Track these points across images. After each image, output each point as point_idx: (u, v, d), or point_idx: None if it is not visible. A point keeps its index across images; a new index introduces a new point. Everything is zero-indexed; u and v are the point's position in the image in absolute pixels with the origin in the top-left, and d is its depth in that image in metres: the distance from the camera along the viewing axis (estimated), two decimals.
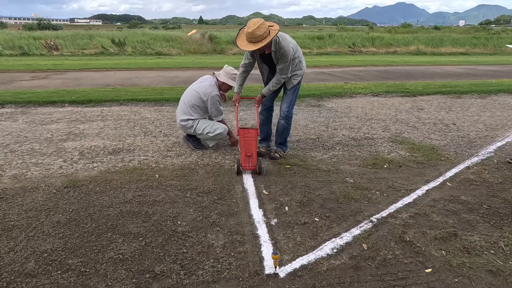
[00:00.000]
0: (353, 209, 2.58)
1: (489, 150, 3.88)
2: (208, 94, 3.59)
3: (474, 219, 2.45)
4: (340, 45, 23.02)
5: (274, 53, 3.21)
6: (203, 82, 3.72)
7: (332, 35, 26.34)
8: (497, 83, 8.44)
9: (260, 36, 2.96)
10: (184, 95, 3.79)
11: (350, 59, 15.43)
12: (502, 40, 27.57)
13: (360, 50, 21.76)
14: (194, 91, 3.67)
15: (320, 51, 21.14)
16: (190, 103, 3.65)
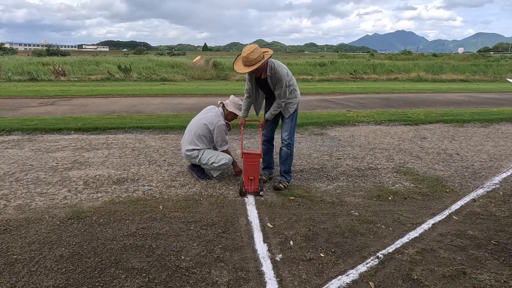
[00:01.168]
0: (359, 244, 2.55)
1: (494, 181, 3.86)
2: (215, 123, 3.64)
3: (483, 255, 2.41)
4: (341, 71, 23.43)
5: (270, 78, 3.35)
6: (209, 113, 3.78)
7: (334, 61, 26.94)
8: (498, 111, 8.50)
9: (254, 60, 3.15)
10: (190, 125, 3.84)
11: (352, 86, 15.66)
12: (501, 67, 28.01)
13: (362, 77, 22.10)
14: (200, 121, 3.73)
15: (322, 78, 21.50)
16: (197, 134, 3.70)
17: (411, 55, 52.32)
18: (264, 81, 3.40)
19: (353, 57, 44.99)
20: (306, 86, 15.06)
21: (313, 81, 19.33)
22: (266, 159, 3.81)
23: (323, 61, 27.28)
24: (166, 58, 30.30)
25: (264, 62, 3.18)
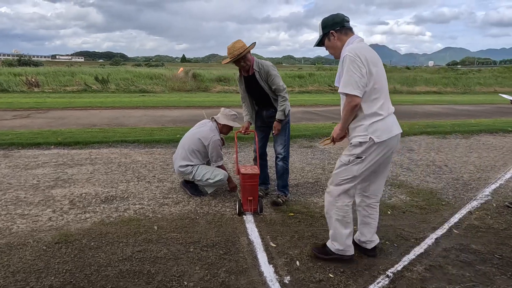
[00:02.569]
0: (366, 262, 2.48)
1: (485, 193, 3.93)
2: (209, 138, 3.52)
3: (490, 271, 2.40)
4: (320, 84, 23.87)
5: (259, 74, 3.30)
6: (202, 127, 3.66)
7: (312, 74, 27.44)
8: (476, 123, 8.81)
9: (237, 50, 3.14)
10: (183, 141, 3.70)
11: (332, 98, 15.91)
12: (470, 80, 29.38)
13: None
14: (194, 136, 3.60)
15: (302, 90, 21.82)
16: (190, 149, 3.56)
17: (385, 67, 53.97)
18: (252, 81, 3.32)
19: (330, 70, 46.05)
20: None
21: (293, 93, 19.57)
22: (261, 175, 3.70)
23: (302, 73, 27.75)
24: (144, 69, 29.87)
25: (248, 49, 3.17)
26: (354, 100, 2.11)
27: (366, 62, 2.11)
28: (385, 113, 2.18)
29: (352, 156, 2.22)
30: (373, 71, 2.13)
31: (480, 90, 26.32)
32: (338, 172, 2.32)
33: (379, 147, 2.18)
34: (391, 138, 2.20)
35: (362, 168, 2.23)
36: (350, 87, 2.09)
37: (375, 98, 2.17)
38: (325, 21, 2.32)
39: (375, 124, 2.16)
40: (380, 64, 2.22)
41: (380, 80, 2.18)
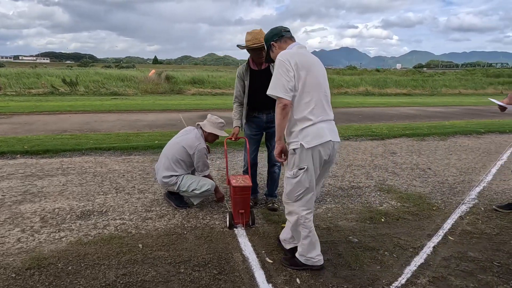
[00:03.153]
0: (368, 276, 2.37)
1: (471, 196, 3.96)
2: (195, 147, 3.31)
3: (492, 280, 2.35)
4: None
5: (272, 68, 3.11)
6: (187, 135, 3.44)
7: None
8: (450, 124, 9.07)
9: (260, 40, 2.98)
10: (166, 149, 3.47)
11: None
12: (436, 82, 30.60)
13: None
14: (178, 144, 3.38)
15: None
16: (174, 158, 3.34)
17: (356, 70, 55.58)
18: (264, 76, 3.12)
19: None
20: None
21: None
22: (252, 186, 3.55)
23: None
24: (115, 70, 28.90)
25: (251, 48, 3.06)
26: (281, 102, 2.13)
27: (296, 66, 2.15)
28: (316, 119, 2.17)
29: (295, 169, 2.21)
30: (302, 75, 2.16)
31: (446, 92, 27.45)
32: (291, 189, 2.28)
33: (311, 153, 2.17)
34: (322, 144, 2.17)
35: (310, 177, 2.22)
36: (277, 89, 2.13)
37: (305, 103, 2.18)
38: (266, 36, 2.45)
39: (305, 130, 2.15)
40: (315, 69, 2.24)
41: (311, 85, 2.19)
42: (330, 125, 2.27)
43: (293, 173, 2.23)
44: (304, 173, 2.20)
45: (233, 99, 3.42)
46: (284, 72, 2.15)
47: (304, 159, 2.18)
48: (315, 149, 2.17)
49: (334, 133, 2.28)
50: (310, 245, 2.36)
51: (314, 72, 2.23)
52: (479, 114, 12.00)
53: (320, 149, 2.19)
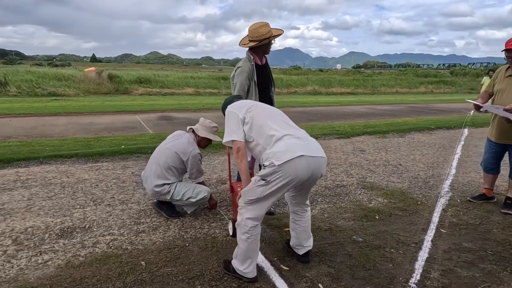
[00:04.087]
0: (385, 275, 2.41)
1: (445, 189, 4.24)
2: (189, 153, 3.11)
3: (493, 268, 2.53)
4: None
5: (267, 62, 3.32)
6: (179, 139, 3.23)
7: None
8: (403, 122, 9.72)
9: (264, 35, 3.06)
10: (156, 156, 3.22)
11: None
12: (375, 81, 32.69)
13: None
14: (170, 150, 3.15)
15: (229, 92, 21.71)
16: (167, 165, 3.11)
17: (301, 70, 57.48)
18: (266, 71, 3.26)
19: None
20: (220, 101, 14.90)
21: (220, 95, 19.42)
22: None
23: (226, 75, 27.69)
24: (49, 69, 26.49)
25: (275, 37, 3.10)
26: (236, 144, 2.22)
27: (239, 110, 2.30)
28: (280, 134, 2.14)
29: (258, 176, 2.15)
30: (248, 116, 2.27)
31: (385, 90, 29.40)
32: (246, 190, 2.21)
33: (282, 170, 2.03)
34: (294, 160, 2.03)
35: (266, 191, 2.10)
36: (229, 135, 2.24)
37: (261, 128, 2.21)
38: (222, 107, 2.59)
39: (273, 147, 2.11)
40: (261, 105, 2.42)
41: (260, 115, 2.28)
42: (300, 140, 2.16)
43: (255, 179, 2.15)
44: (264, 185, 2.09)
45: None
46: (231, 118, 2.29)
47: (273, 176, 2.06)
48: (286, 165, 2.03)
49: (307, 148, 2.13)
50: (245, 255, 2.24)
51: (261, 106, 2.39)
52: (422, 112, 13.03)
53: (293, 166, 2.04)
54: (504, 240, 2.96)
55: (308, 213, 2.54)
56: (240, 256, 2.27)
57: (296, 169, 2.06)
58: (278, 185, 2.08)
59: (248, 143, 2.28)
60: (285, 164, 2.03)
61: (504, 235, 3.06)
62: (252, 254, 2.27)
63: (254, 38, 3.09)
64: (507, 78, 3.43)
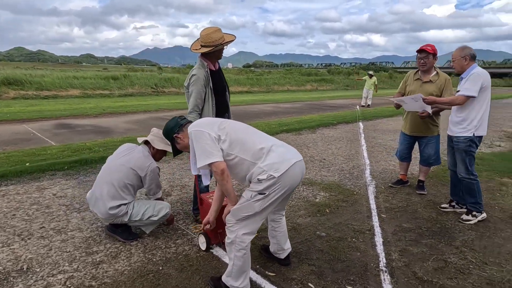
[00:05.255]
0: (359, 264, 2.66)
1: (368, 178, 4.85)
2: (146, 167, 2.84)
3: (432, 242, 3.03)
4: (141, 86, 22.70)
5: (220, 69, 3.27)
6: (131, 154, 2.91)
7: (127, 75, 25.83)
8: (310, 118, 10.60)
9: (217, 41, 2.97)
10: (106, 174, 2.84)
11: (164, 101, 15.47)
12: (268, 80, 34.67)
13: (163, 91, 22.35)
14: (124, 166, 2.81)
15: (123, 92, 20.17)
16: (122, 183, 2.77)
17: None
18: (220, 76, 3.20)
19: (142, 70, 44.58)
20: (123, 104, 13.81)
21: (114, 96, 18.03)
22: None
23: (115, 75, 25.69)
24: None
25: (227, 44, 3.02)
26: (219, 166, 2.03)
27: (209, 128, 2.10)
28: (268, 145, 2.11)
29: (254, 192, 2.07)
30: (222, 133, 2.11)
31: (278, 89, 31.39)
32: (240, 207, 2.12)
33: (281, 180, 2.05)
34: (290, 168, 2.07)
35: (265, 204, 2.09)
36: (206, 157, 2.03)
37: (245, 143, 2.10)
38: (165, 133, 2.42)
39: (267, 160, 2.05)
40: (229, 120, 2.32)
41: (236, 130, 2.16)
42: (287, 147, 2.22)
43: (251, 194, 2.08)
44: (262, 199, 2.07)
45: (189, 110, 3.06)
46: (203, 139, 2.06)
47: (272, 188, 2.05)
48: (285, 175, 2.05)
49: (294, 153, 2.20)
50: (240, 270, 2.19)
51: (231, 122, 2.26)
52: (320, 108, 14.44)
53: (291, 173, 2.08)
54: (430, 217, 3.57)
55: (284, 217, 2.61)
56: (235, 273, 2.20)
57: (292, 176, 2.11)
58: (276, 195, 2.09)
59: (228, 161, 2.10)
60: (284, 174, 2.05)
61: (428, 212, 3.69)
62: (247, 268, 2.24)
63: (208, 43, 3.00)
64: (416, 81, 4.09)
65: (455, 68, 3.32)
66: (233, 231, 2.16)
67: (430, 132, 4.06)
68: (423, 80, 3.98)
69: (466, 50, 3.25)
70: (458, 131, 3.37)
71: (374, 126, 9.50)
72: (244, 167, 2.10)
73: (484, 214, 3.46)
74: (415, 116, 4.03)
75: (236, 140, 2.11)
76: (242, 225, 2.15)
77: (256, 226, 2.19)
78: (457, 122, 3.37)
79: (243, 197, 2.14)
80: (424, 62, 3.89)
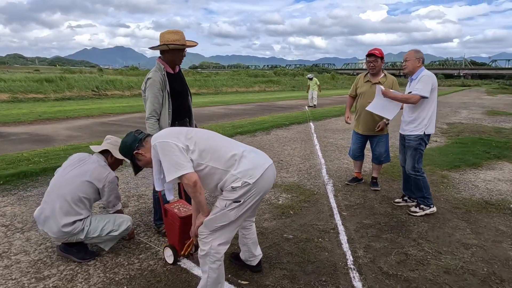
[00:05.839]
0: (328, 264, 2.71)
1: (326, 177, 5.00)
2: (104, 178, 2.62)
3: (392, 236, 3.19)
4: (80, 88, 21.25)
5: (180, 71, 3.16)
6: (85, 165, 2.66)
7: (64, 77, 24.07)
8: (263, 120, 10.69)
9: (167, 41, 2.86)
10: (56, 189, 2.57)
11: (109, 105, 14.67)
12: (216, 82, 34.45)
13: (106, 94, 21.21)
14: (78, 179, 2.57)
15: (59, 96, 18.73)
16: (76, 197, 2.53)
17: (140, 70, 54.93)
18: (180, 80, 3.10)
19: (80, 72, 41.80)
20: (62, 108, 12.78)
21: (49, 101, 16.75)
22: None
23: (50, 77, 23.80)
24: None
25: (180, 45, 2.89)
26: (191, 178, 1.92)
27: (175, 138, 1.99)
28: (239, 151, 2.06)
29: (228, 200, 2.00)
30: (190, 142, 2.01)
31: (226, 90, 31.28)
32: (214, 217, 2.04)
33: (256, 186, 2.01)
34: (264, 173, 2.05)
35: (240, 212, 2.04)
36: (176, 169, 1.92)
37: (216, 152, 2.03)
38: (123, 151, 2.27)
39: (240, 166, 2.01)
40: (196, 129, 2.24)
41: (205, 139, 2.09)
42: (257, 152, 2.19)
43: (225, 203, 2.01)
44: (237, 207, 2.02)
45: (147, 115, 2.88)
46: (171, 150, 1.94)
47: (247, 195, 2.01)
48: (260, 180, 2.02)
49: (266, 158, 2.18)
50: (215, 282, 2.13)
51: (197, 130, 2.18)
52: (271, 109, 14.64)
53: (265, 177, 2.06)
54: (386, 212, 3.76)
55: (254, 223, 2.57)
56: (210, 285, 2.12)
57: (267, 181, 2.08)
58: (251, 202, 2.05)
59: (198, 171, 1.98)
60: (258, 179, 2.01)
61: (384, 207, 3.89)
62: (221, 279, 2.16)
63: (161, 42, 2.88)
64: (366, 83, 4.30)
65: (407, 67, 3.54)
66: (207, 243, 2.08)
67: (381, 131, 4.29)
68: (372, 81, 4.20)
69: (420, 53, 3.50)
70: (409, 130, 3.59)
71: (324, 126, 9.87)
72: (216, 176, 2.02)
73: (434, 208, 3.72)
74: (367, 117, 4.23)
75: (205, 148, 2.02)
76: (216, 236, 2.07)
77: (231, 235, 2.12)
78: (409, 122, 3.59)
79: (216, 206, 2.05)
80: (374, 65, 4.11)
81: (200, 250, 2.11)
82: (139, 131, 2.29)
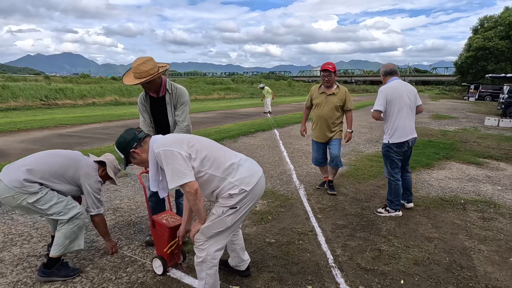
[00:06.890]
0: (311, 264, 2.89)
1: (297, 182, 5.22)
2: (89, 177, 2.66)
3: (365, 235, 3.45)
4: (27, 98, 19.97)
5: (170, 96, 3.04)
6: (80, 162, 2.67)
7: (7, 86, 22.49)
8: (228, 128, 10.77)
9: (146, 72, 2.78)
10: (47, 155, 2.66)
11: (61, 116, 13.98)
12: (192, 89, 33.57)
13: (56, 103, 20.15)
14: (67, 161, 2.63)
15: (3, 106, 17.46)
16: (59, 172, 2.57)
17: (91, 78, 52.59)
18: (160, 103, 3.02)
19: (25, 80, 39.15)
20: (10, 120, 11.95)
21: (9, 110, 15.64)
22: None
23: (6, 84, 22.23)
24: None
25: (158, 74, 2.84)
26: (193, 186, 2.01)
27: (178, 146, 2.05)
28: (236, 160, 2.18)
29: (225, 207, 2.10)
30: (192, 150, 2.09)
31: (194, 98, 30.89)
32: (211, 224, 2.13)
33: (252, 193, 2.14)
34: (259, 180, 2.18)
35: (236, 218, 2.14)
36: (179, 178, 1.99)
37: (216, 160, 2.12)
38: (120, 146, 2.26)
39: (237, 174, 2.11)
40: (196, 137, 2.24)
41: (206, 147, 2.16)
42: (251, 161, 2.30)
43: (222, 210, 2.10)
44: (233, 213, 2.12)
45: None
46: (174, 158, 2.00)
47: (243, 201, 2.12)
48: (256, 187, 2.14)
49: (258, 166, 2.31)
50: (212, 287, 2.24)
51: (198, 138, 2.23)
52: (235, 117, 14.76)
53: (259, 184, 2.18)
54: (356, 212, 4.04)
55: (241, 230, 2.69)
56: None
57: (260, 188, 2.21)
58: (246, 208, 2.16)
59: (197, 178, 2.07)
60: (254, 187, 2.13)
61: (354, 208, 4.17)
62: (217, 284, 2.25)
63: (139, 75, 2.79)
64: (321, 94, 4.57)
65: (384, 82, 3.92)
66: (203, 249, 2.15)
67: (336, 135, 4.56)
68: (327, 93, 4.50)
69: (382, 68, 3.85)
70: (382, 139, 3.93)
71: (288, 133, 10.18)
72: (214, 183, 2.12)
73: (400, 213, 3.97)
74: (324, 126, 4.51)
75: (207, 157, 2.11)
76: (212, 242, 2.16)
77: (226, 241, 2.22)
78: (383, 132, 3.94)
79: (213, 213, 2.14)
80: (328, 79, 4.43)
81: (196, 257, 2.18)
82: (139, 130, 2.32)
